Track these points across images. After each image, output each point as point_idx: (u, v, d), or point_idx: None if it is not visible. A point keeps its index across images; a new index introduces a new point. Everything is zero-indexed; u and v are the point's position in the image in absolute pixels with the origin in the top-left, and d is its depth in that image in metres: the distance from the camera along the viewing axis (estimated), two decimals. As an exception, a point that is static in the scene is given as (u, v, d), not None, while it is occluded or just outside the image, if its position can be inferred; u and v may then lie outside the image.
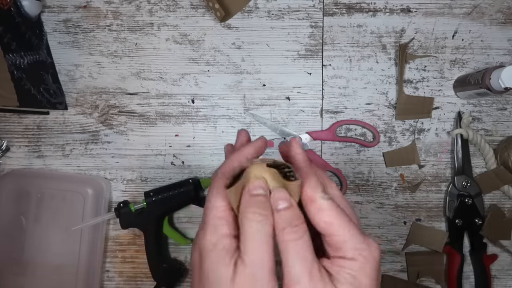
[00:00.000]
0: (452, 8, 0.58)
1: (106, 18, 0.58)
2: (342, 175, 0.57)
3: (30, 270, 0.54)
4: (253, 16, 0.58)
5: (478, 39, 0.58)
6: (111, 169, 0.58)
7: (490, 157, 0.56)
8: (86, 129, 0.58)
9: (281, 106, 0.58)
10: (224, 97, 0.58)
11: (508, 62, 0.58)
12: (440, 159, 0.58)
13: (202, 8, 0.58)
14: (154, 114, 0.58)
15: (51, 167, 0.58)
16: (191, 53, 0.58)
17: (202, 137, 0.58)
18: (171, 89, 0.58)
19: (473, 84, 0.53)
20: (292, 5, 0.58)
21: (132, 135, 0.58)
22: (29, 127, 0.58)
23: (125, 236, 0.58)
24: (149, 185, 0.58)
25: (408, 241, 0.57)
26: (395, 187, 0.58)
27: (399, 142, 0.58)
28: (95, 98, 0.58)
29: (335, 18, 0.58)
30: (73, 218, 0.54)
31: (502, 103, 0.58)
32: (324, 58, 0.58)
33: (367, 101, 0.58)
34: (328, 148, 0.58)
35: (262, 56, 0.58)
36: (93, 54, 0.58)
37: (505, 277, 0.58)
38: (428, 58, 0.58)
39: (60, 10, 0.58)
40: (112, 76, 0.58)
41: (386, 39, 0.58)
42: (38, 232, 0.54)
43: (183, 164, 0.58)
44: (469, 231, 0.56)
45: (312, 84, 0.58)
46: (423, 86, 0.58)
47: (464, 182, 0.56)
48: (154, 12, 0.58)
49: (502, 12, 0.58)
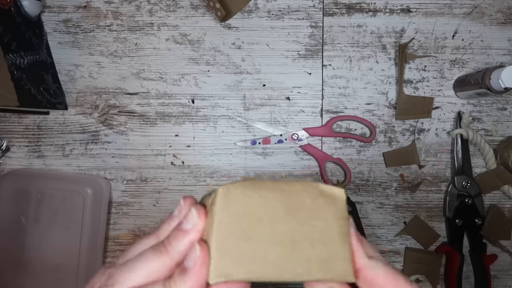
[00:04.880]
0: (452, 8, 0.58)
1: (106, 18, 0.58)
2: (345, 164, 0.57)
3: (30, 270, 0.54)
4: (253, 16, 0.58)
5: (478, 39, 0.58)
6: (111, 169, 0.58)
7: (490, 157, 0.56)
8: (86, 129, 0.58)
9: (281, 106, 0.58)
10: (224, 97, 0.58)
11: (508, 62, 0.58)
12: (440, 159, 0.58)
13: (202, 8, 0.58)
14: (154, 114, 0.58)
15: (51, 167, 0.58)
16: (191, 53, 0.58)
17: (202, 137, 0.58)
18: (171, 89, 0.58)
19: (473, 84, 0.53)
20: (292, 5, 0.58)
21: (132, 135, 0.58)
22: (29, 127, 0.58)
23: (125, 236, 0.58)
24: (149, 185, 0.58)
25: (404, 229, 0.57)
26: (395, 187, 0.58)
27: (399, 142, 0.58)
28: (95, 98, 0.58)
29: (335, 18, 0.58)
30: (73, 218, 0.54)
31: (502, 103, 0.58)
32: (324, 58, 0.58)
33: (367, 101, 0.58)
34: (328, 148, 0.58)
35: (262, 56, 0.58)
36: (93, 54, 0.58)
37: (505, 277, 0.58)
38: (428, 58, 0.58)
39: (60, 10, 0.58)
40: (112, 76, 0.58)
41: (386, 39, 0.58)
42: (38, 232, 0.54)
43: (183, 164, 0.58)
44: (469, 231, 0.56)
45: (312, 84, 0.58)
46: (423, 86, 0.58)
47: (464, 182, 0.56)
48: (154, 12, 0.58)
49: (502, 12, 0.58)
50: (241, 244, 0.21)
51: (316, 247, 0.22)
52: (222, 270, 0.21)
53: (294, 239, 0.22)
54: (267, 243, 0.21)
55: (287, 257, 0.21)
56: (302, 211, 0.22)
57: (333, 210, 0.23)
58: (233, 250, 0.21)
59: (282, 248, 0.21)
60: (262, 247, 0.21)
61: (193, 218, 0.23)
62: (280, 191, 0.23)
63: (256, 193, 0.22)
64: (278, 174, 0.58)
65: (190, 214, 0.23)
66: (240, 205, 0.22)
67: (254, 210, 0.22)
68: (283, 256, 0.21)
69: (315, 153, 0.58)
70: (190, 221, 0.23)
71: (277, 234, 0.22)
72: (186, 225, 0.23)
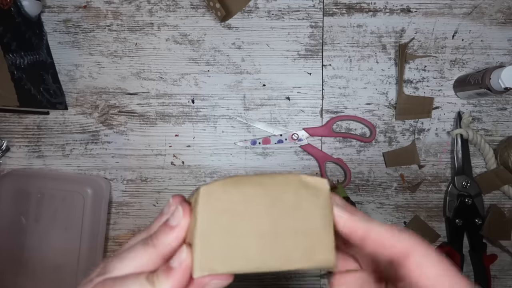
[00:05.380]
0: (452, 8, 0.58)
1: (106, 18, 0.58)
2: (345, 164, 0.57)
3: (30, 270, 0.54)
4: (253, 16, 0.58)
5: (478, 39, 0.58)
6: (111, 169, 0.58)
7: (490, 157, 0.56)
8: (86, 129, 0.58)
9: (281, 106, 0.58)
10: (224, 97, 0.58)
11: (508, 62, 0.58)
12: (440, 159, 0.58)
13: (202, 8, 0.58)
14: (154, 114, 0.58)
15: (51, 167, 0.58)
16: (191, 53, 0.58)
17: (202, 137, 0.58)
18: (171, 89, 0.58)
19: (473, 84, 0.53)
20: (292, 5, 0.58)
21: (132, 135, 0.58)
22: (29, 127, 0.58)
23: (125, 236, 0.58)
24: (149, 185, 0.58)
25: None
26: (395, 187, 0.58)
27: (399, 142, 0.58)
28: (95, 98, 0.58)
29: (335, 18, 0.58)
30: (73, 218, 0.54)
31: (502, 103, 0.58)
32: (324, 58, 0.58)
33: (367, 101, 0.58)
34: (328, 148, 0.58)
35: (262, 56, 0.58)
36: (93, 54, 0.58)
37: (505, 277, 0.58)
38: (428, 58, 0.58)
39: (60, 10, 0.58)
40: (112, 76, 0.58)
41: (386, 39, 0.58)
42: (38, 232, 0.54)
43: (183, 164, 0.58)
44: (469, 231, 0.56)
45: (312, 84, 0.58)
46: (423, 86, 0.58)
47: (464, 182, 0.56)
48: (154, 12, 0.58)
49: (502, 12, 0.58)
50: (223, 239, 0.22)
51: (298, 238, 0.23)
52: (206, 264, 0.22)
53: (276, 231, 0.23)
54: (249, 236, 0.22)
55: (269, 249, 0.22)
56: (284, 204, 0.23)
57: (316, 201, 0.24)
58: (215, 245, 0.22)
59: (263, 241, 0.22)
60: (243, 240, 0.22)
61: (179, 216, 0.24)
62: (262, 185, 0.23)
63: (237, 190, 0.23)
64: (278, 174, 0.58)
65: (176, 211, 0.24)
66: (222, 202, 0.23)
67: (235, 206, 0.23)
68: (264, 248, 0.22)
69: (315, 153, 0.58)
70: (176, 218, 0.24)
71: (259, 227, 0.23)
72: (172, 222, 0.24)
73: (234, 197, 0.23)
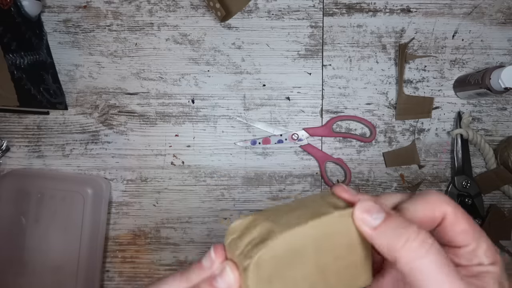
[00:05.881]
0: (452, 8, 0.58)
1: (106, 18, 0.58)
2: (345, 164, 0.57)
3: (30, 270, 0.54)
4: (253, 16, 0.58)
5: (478, 39, 0.58)
6: (111, 169, 0.58)
7: (490, 157, 0.56)
8: (86, 129, 0.58)
9: (281, 106, 0.58)
10: (224, 97, 0.58)
11: (508, 62, 0.58)
12: (440, 159, 0.58)
13: (202, 8, 0.58)
14: (154, 114, 0.58)
15: (51, 167, 0.58)
16: (191, 53, 0.58)
17: (202, 137, 0.58)
18: (171, 89, 0.58)
19: (473, 84, 0.53)
20: (292, 5, 0.58)
21: (132, 135, 0.58)
22: (29, 127, 0.58)
23: (125, 236, 0.58)
24: (149, 185, 0.58)
25: None
26: (395, 187, 0.58)
27: (399, 142, 0.58)
28: (95, 98, 0.58)
29: (335, 18, 0.58)
30: (73, 218, 0.54)
31: (502, 103, 0.58)
32: (324, 58, 0.58)
33: (367, 101, 0.58)
34: (328, 148, 0.58)
35: (262, 56, 0.58)
36: (93, 54, 0.58)
37: (505, 277, 0.57)
38: (428, 58, 0.58)
39: (60, 10, 0.58)
40: (112, 76, 0.58)
41: (386, 39, 0.58)
42: (38, 232, 0.54)
43: (183, 164, 0.58)
44: (469, 231, 0.56)
45: (312, 84, 0.58)
46: (423, 86, 0.58)
47: (464, 182, 0.56)
48: (154, 12, 0.58)
49: (502, 12, 0.58)
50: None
51: (341, 276, 0.23)
52: None
53: (324, 278, 0.23)
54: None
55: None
56: (327, 249, 0.23)
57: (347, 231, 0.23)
58: None
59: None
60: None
61: (229, 279, 0.22)
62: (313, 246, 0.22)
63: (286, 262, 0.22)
64: (278, 174, 0.58)
65: (225, 274, 0.23)
66: (271, 270, 0.22)
67: (283, 271, 0.22)
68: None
69: (315, 153, 0.58)
70: (225, 281, 0.22)
71: (309, 281, 0.22)
72: (220, 284, 0.23)
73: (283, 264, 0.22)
